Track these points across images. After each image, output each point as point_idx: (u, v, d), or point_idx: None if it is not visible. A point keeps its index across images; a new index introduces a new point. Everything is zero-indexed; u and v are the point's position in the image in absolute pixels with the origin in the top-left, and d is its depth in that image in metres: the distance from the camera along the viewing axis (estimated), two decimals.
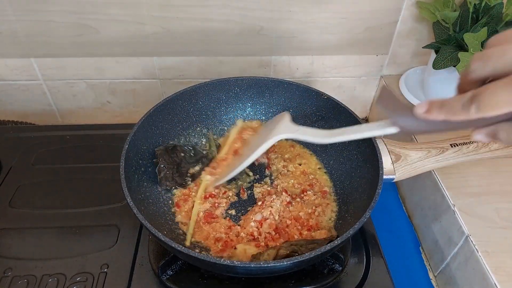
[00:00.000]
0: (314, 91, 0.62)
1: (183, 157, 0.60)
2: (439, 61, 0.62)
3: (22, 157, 0.66)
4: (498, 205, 0.55)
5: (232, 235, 0.52)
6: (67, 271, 0.50)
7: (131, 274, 0.50)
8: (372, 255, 0.53)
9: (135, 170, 0.53)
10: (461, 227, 0.53)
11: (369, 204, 0.45)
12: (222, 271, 0.46)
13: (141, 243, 0.53)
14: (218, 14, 0.66)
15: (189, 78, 0.76)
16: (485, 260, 0.49)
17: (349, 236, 0.42)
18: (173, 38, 0.69)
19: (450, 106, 0.31)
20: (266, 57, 0.74)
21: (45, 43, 0.68)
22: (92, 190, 0.60)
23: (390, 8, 0.68)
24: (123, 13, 0.65)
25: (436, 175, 0.59)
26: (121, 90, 0.77)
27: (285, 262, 0.40)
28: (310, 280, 0.49)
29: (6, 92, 0.75)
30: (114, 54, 0.71)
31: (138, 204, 0.47)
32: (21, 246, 0.53)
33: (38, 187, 0.61)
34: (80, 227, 0.55)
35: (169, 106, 0.59)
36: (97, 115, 0.81)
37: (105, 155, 0.66)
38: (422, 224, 0.63)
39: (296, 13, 0.67)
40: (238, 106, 0.66)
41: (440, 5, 0.63)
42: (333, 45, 0.73)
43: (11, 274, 0.49)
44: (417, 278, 0.59)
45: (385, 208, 0.68)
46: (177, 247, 0.41)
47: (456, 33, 0.63)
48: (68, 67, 0.72)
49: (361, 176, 0.54)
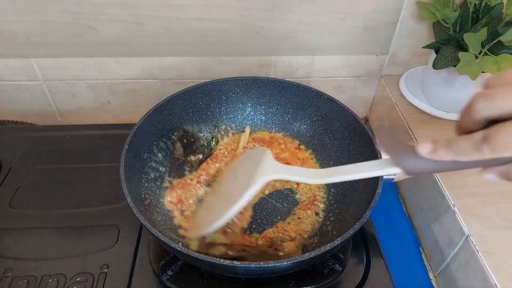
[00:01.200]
0: (314, 91, 0.62)
1: (185, 145, 0.59)
2: (439, 61, 0.62)
3: (22, 157, 0.66)
4: (498, 205, 0.55)
5: None
6: (67, 271, 0.50)
7: (131, 274, 0.50)
8: (372, 255, 0.53)
9: (135, 170, 0.53)
10: (461, 227, 0.53)
11: (369, 204, 0.45)
12: (222, 271, 0.46)
13: (141, 243, 0.53)
14: (218, 14, 0.66)
15: (189, 78, 0.76)
16: (485, 260, 0.49)
17: (349, 236, 0.42)
18: (173, 38, 0.69)
19: (459, 146, 0.30)
20: (266, 57, 0.74)
21: (45, 43, 0.68)
22: (92, 190, 0.60)
23: (390, 8, 0.68)
24: (123, 13, 0.65)
25: (436, 175, 0.59)
26: (121, 90, 0.77)
27: (285, 262, 0.40)
28: (310, 280, 0.49)
29: (6, 92, 0.75)
30: (114, 54, 0.71)
31: (138, 204, 0.47)
32: (21, 246, 0.53)
33: (38, 187, 0.61)
34: (80, 227, 0.55)
35: (169, 106, 0.59)
36: (97, 115, 0.81)
37: (105, 155, 0.66)
38: (422, 224, 0.63)
39: (296, 13, 0.67)
40: (238, 106, 0.66)
41: (440, 5, 0.63)
42: (333, 45, 0.73)
43: (11, 274, 0.49)
44: (417, 278, 0.59)
45: (385, 208, 0.68)
46: (177, 247, 0.41)
47: (456, 33, 0.63)
48: (68, 67, 0.72)
49: None
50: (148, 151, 0.57)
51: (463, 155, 0.30)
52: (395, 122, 0.73)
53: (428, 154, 0.31)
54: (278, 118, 0.67)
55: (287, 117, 0.66)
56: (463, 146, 0.29)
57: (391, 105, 0.74)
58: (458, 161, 0.30)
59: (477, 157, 0.29)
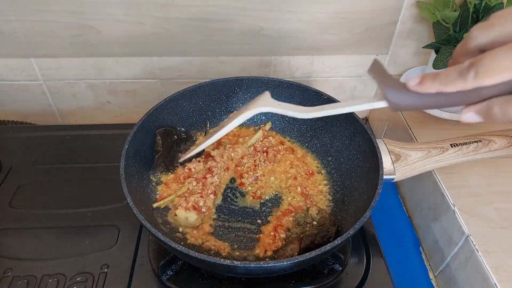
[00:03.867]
0: (314, 91, 0.62)
1: (176, 140, 0.60)
2: (439, 61, 0.62)
3: (22, 157, 0.66)
4: (498, 205, 0.55)
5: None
6: (67, 271, 0.50)
7: (131, 274, 0.50)
8: (372, 255, 0.53)
9: (135, 170, 0.53)
10: (461, 227, 0.53)
11: (369, 204, 0.45)
12: (222, 271, 0.46)
13: (141, 243, 0.53)
14: (218, 14, 0.66)
15: (189, 78, 0.76)
16: (485, 260, 0.49)
17: (349, 236, 0.42)
18: (173, 38, 0.69)
19: (445, 75, 0.30)
20: (266, 57, 0.74)
21: (45, 43, 0.68)
22: (92, 190, 0.60)
23: (390, 8, 0.68)
24: (123, 13, 0.65)
25: (436, 175, 0.59)
26: (121, 90, 0.77)
27: (285, 262, 0.40)
28: (310, 280, 0.49)
29: (6, 92, 0.75)
30: (114, 54, 0.71)
31: (138, 204, 0.47)
32: (21, 246, 0.53)
33: (38, 187, 0.61)
34: (80, 227, 0.55)
35: (169, 106, 0.59)
36: (97, 115, 0.81)
37: (105, 155, 0.66)
38: (422, 224, 0.63)
39: (296, 13, 0.67)
40: (238, 106, 0.66)
41: (440, 5, 0.63)
42: (333, 45, 0.73)
43: (11, 274, 0.49)
44: (417, 278, 0.59)
45: (385, 208, 0.68)
46: (177, 247, 0.41)
47: (456, 33, 0.63)
48: (68, 67, 0.72)
49: (361, 176, 0.54)
50: (148, 151, 0.57)
51: (448, 84, 0.30)
52: (395, 122, 0.73)
53: (415, 87, 0.32)
54: (278, 118, 0.67)
55: (287, 117, 0.66)
56: (449, 75, 0.30)
57: None
58: (443, 93, 0.30)
59: (461, 85, 0.29)
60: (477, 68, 0.27)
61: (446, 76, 0.30)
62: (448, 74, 0.30)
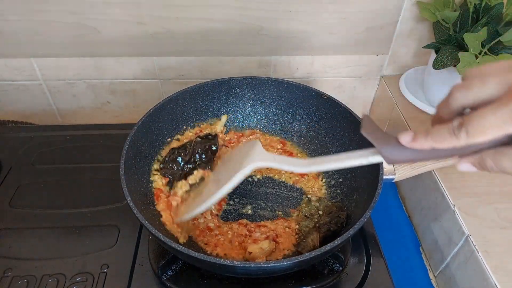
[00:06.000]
0: (314, 91, 0.62)
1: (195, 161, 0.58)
2: (439, 61, 0.62)
3: (22, 157, 0.66)
4: (498, 205, 0.55)
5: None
6: (67, 271, 0.50)
7: (131, 274, 0.50)
8: (372, 255, 0.53)
9: (135, 170, 0.53)
10: (461, 227, 0.53)
11: (369, 204, 0.45)
12: (222, 271, 0.46)
13: (141, 243, 0.53)
14: (218, 14, 0.66)
15: (189, 78, 0.76)
16: (485, 260, 0.49)
17: (349, 236, 0.42)
18: (173, 38, 0.69)
19: (437, 134, 0.31)
20: (266, 57, 0.74)
21: (45, 43, 0.68)
22: (92, 190, 0.60)
23: (390, 8, 0.68)
24: (123, 13, 0.65)
25: (436, 175, 0.59)
26: (121, 90, 0.77)
27: (285, 262, 0.40)
28: (310, 280, 0.49)
29: (6, 92, 0.75)
30: (114, 54, 0.71)
31: (138, 204, 0.47)
32: (21, 246, 0.53)
33: (38, 187, 0.61)
34: (80, 227, 0.55)
35: (169, 106, 0.59)
36: (97, 115, 0.81)
37: (105, 155, 0.66)
38: (422, 224, 0.63)
39: (296, 13, 0.67)
40: (238, 106, 0.66)
41: (440, 5, 0.63)
42: (333, 45, 0.73)
43: (11, 274, 0.49)
44: (417, 278, 0.59)
45: (385, 208, 0.68)
46: (177, 247, 0.41)
47: (456, 33, 0.63)
48: (68, 67, 0.72)
49: (361, 176, 0.54)
50: (148, 151, 0.57)
51: (441, 142, 0.31)
52: (395, 122, 0.73)
53: (409, 143, 0.33)
54: (278, 118, 0.66)
55: (287, 117, 0.66)
56: (441, 133, 0.31)
57: (391, 105, 0.74)
58: (437, 149, 0.32)
59: (454, 143, 0.30)
60: (467, 128, 0.29)
61: (439, 134, 0.31)
62: (440, 132, 0.31)
